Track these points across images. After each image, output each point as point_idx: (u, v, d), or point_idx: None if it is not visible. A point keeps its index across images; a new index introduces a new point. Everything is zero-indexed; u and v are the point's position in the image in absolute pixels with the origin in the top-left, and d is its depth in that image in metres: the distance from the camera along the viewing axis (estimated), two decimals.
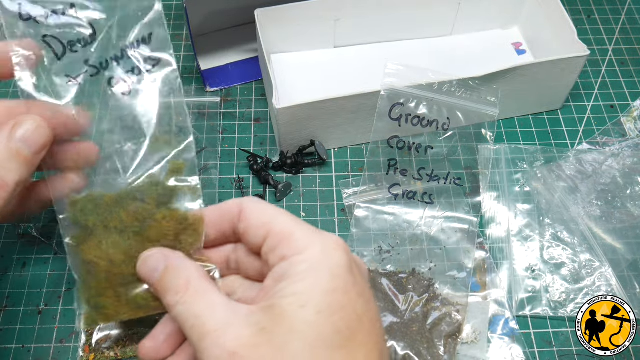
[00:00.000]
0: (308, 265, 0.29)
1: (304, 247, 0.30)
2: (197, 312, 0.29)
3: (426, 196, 0.52)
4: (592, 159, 0.54)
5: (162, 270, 0.32)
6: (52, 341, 0.45)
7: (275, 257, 0.31)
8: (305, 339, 0.27)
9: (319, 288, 0.29)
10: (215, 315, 0.29)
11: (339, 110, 0.51)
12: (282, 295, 0.29)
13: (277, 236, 0.31)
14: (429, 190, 0.52)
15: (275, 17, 0.56)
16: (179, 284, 0.31)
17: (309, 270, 0.29)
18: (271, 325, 0.28)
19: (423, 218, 0.51)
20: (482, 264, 0.49)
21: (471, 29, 0.63)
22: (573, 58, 0.53)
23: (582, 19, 0.67)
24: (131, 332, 0.44)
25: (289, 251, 0.30)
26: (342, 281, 0.29)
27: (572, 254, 0.49)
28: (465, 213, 0.51)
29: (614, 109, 0.60)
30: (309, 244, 0.30)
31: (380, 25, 0.60)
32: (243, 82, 0.61)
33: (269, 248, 0.31)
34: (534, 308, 0.47)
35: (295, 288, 0.29)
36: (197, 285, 0.30)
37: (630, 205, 0.51)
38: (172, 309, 0.30)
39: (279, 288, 0.29)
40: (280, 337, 0.27)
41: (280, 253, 0.30)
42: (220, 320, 0.29)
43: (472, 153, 0.55)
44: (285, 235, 0.31)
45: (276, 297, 0.29)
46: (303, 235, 0.31)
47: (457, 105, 0.50)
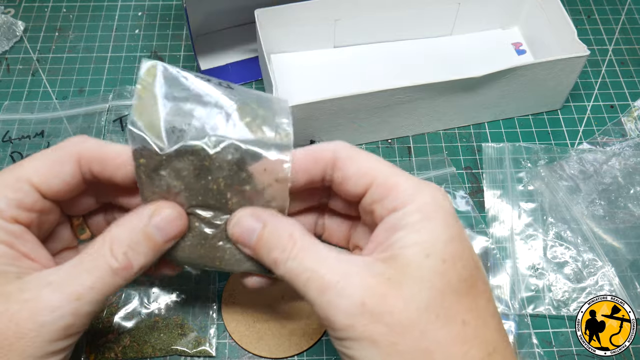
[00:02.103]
0: (422, 215, 0.29)
1: (412, 197, 0.29)
2: (311, 266, 0.28)
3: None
4: (593, 159, 0.54)
5: (261, 229, 0.31)
6: None
7: (384, 208, 0.30)
8: (434, 287, 0.27)
9: (439, 237, 0.28)
10: (333, 267, 0.28)
11: (339, 110, 0.51)
12: (403, 245, 0.28)
13: (382, 186, 0.30)
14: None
15: (275, 17, 0.56)
16: (283, 240, 0.30)
17: (424, 219, 0.29)
18: (398, 275, 0.28)
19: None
20: (483, 264, 0.49)
21: (471, 29, 0.63)
22: (573, 58, 0.53)
23: (582, 19, 0.67)
24: (132, 339, 0.44)
25: (399, 202, 0.29)
26: (456, 229, 0.29)
27: (575, 253, 0.49)
28: (465, 204, 0.51)
29: (614, 109, 0.60)
30: (417, 193, 0.30)
31: (380, 25, 0.60)
32: (243, 82, 0.61)
33: (373, 199, 0.31)
34: (536, 307, 0.47)
35: (415, 237, 0.28)
36: (304, 240, 0.30)
37: (631, 205, 0.51)
38: (280, 265, 0.29)
39: (396, 238, 0.29)
40: (409, 286, 0.27)
41: (390, 205, 0.30)
42: (339, 272, 0.28)
43: (472, 153, 0.55)
44: (391, 185, 0.30)
45: (395, 247, 0.28)
46: (410, 184, 0.30)
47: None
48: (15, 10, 0.66)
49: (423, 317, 0.27)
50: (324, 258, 0.29)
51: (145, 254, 0.31)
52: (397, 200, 0.30)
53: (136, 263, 0.31)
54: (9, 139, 0.55)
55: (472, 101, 0.55)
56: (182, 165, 0.31)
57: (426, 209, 0.29)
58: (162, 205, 0.31)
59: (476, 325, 0.28)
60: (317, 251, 0.29)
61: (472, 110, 0.56)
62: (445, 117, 0.56)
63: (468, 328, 0.28)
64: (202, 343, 0.44)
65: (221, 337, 0.45)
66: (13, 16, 0.65)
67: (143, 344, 0.44)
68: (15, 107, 0.58)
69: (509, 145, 0.55)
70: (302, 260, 0.29)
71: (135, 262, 0.31)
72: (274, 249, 0.30)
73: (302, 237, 0.30)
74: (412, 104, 0.53)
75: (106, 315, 0.45)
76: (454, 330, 0.27)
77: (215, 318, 0.45)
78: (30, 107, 0.58)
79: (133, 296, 0.46)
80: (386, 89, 0.50)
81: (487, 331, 0.28)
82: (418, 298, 0.27)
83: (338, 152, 0.32)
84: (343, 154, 0.32)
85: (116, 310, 0.45)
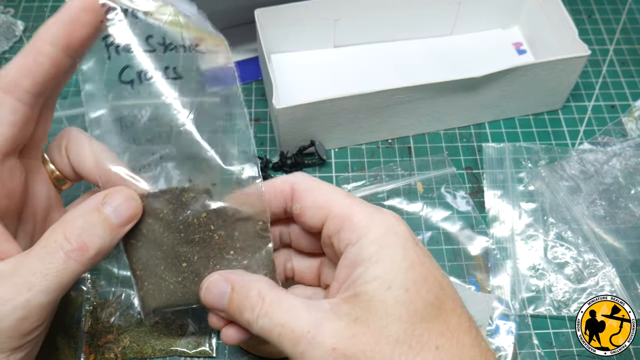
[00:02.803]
0: (379, 246, 0.29)
1: (367, 229, 0.30)
2: (281, 320, 0.29)
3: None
4: (594, 159, 0.54)
5: (230, 293, 0.31)
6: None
7: (341, 242, 0.30)
8: (401, 318, 0.27)
9: (398, 266, 0.28)
10: (301, 318, 0.28)
11: (339, 110, 0.51)
12: (364, 282, 0.28)
13: (337, 218, 0.31)
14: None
15: (275, 17, 0.56)
16: (252, 300, 0.30)
17: (380, 250, 0.29)
18: (363, 313, 0.28)
19: (423, 210, 0.51)
20: (483, 264, 0.49)
21: (471, 29, 0.63)
22: (574, 58, 0.52)
23: (582, 18, 0.67)
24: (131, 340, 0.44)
25: (354, 234, 0.30)
26: (414, 253, 0.29)
27: (575, 253, 0.49)
28: (466, 204, 0.51)
29: (614, 109, 0.59)
30: (371, 223, 0.30)
31: (380, 25, 0.60)
32: (243, 82, 0.61)
33: (330, 232, 0.31)
34: (537, 307, 0.47)
35: (374, 271, 0.28)
36: (271, 295, 0.30)
37: (632, 205, 0.51)
38: (253, 325, 0.30)
39: (357, 275, 0.29)
40: (376, 322, 0.27)
41: (345, 237, 0.30)
42: (308, 321, 0.28)
43: (472, 153, 0.55)
44: (346, 217, 0.30)
45: (357, 284, 0.29)
46: (364, 215, 0.30)
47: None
48: (15, 10, 0.66)
49: (396, 350, 0.27)
50: (294, 309, 0.29)
51: (101, 236, 0.30)
52: (353, 232, 0.30)
53: (92, 245, 0.30)
54: None
55: (472, 101, 0.54)
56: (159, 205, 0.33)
57: (381, 239, 0.29)
58: (114, 189, 0.32)
59: (450, 347, 0.28)
60: (285, 303, 0.29)
61: (473, 110, 0.56)
62: (445, 117, 0.56)
63: (442, 352, 0.28)
64: (202, 343, 0.44)
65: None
66: (13, 16, 0.65)
67: (143, 345, 0.44)
68: None
69: (509, 145, 0.55)
70: (272, 316, 0.29)
71: (90, 243, 0.30)
72: (245, 309, 0.30)
73: (269, 292, 0.30)
74: (412, 104, 0.53)
75: (106, 315, 0.45)
76: (429, 357, 0.27)
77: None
78: None
79: (133, 296, 0.46)
80: (386, 89, 0.50)
81: (463, 349, 0.28)
82: (387, 332, 0.27)
83: (296, 184, 0.32)
84: (301, 186, 0.32)
85: (116, 311, 0.45)
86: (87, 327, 0.44)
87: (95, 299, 0.46)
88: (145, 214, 0.34)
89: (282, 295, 0.30)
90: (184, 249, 0.34)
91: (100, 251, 0.30)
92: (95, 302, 0.46)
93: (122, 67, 0.32)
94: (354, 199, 0.31)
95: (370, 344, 0.27)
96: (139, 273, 0.34)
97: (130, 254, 0.34)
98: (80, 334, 0.44)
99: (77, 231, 0.30)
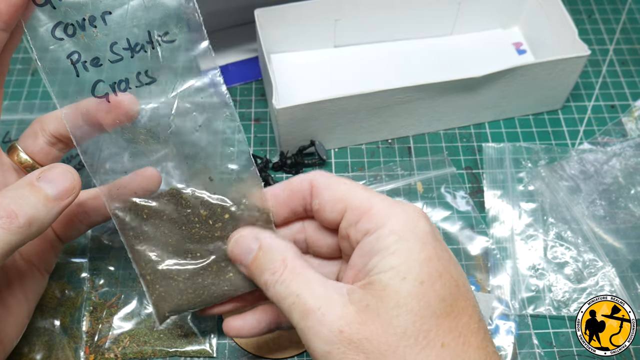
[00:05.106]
0: (397, 237, 0.29)
1: (386, 219, 0.30)
2: (297, 290, 0.29)
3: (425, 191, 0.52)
4: (594, 159, 0.54)
5: (256, 250, 0.32)
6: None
7: (358, 232, 0.30)
8: (412, 310, 0.27)
9: (414, 258, 0.28)
10: (316, 293, 0.29)
11: (339, 110, 0.51)
12: (379, 271, 0.28)
13: (356, 210, 0.31)
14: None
15: (275, 17, 0.56)
16: (275, 264, 0.30)
17: (398, 241, 0.29)
18: (375, 301, 0.28)
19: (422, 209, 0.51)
20: (483, 264, 0.49)
21: (471, 29, 0.63)
22: (574, 58, 0.52)
23: (582, 18, 0.67)
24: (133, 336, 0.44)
25: (372, 224, 0.30)
26: (432, 248, 0.29)
27: (575, 253, 0.49)
28: (465, 204, 0.51)
29: (614, 109, 0.59)
30: (390, 214, 0.30)
31: (380, 25, 0.60)
32: (243, 82, 0.61)
33: (348, 223, 0.31)
34: (536, 307, 0.47)
35: (390, 261, 0.28)
36: (293, 264, 0.30)
37: (632, 205, 0.51)
38: (270, 288, 0.30)
39: (373, 264, 0.29)
40: (387, 312, 0.27)
41: (363, 227, 0.30)
42: (322, 298, 0.28)
43: (472, 153, 0.55)
44: (365, 209, 0.30)
45: (372, 273, 0.29)
46: (383, 206, 0.30)
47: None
48: None
49: (401, 342, 0.27)
50: (311, 283, 0.29)
51: (33, 205, 0.30)
52: (371, 222, 0.30)
53: (20, 212, 0.29)
54: (9, 139, 0.55)
55: (472, 101, 0.54)
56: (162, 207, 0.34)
57: (400, 229, 0.29)
58: (50, 166, 0.32)
59: (456, 346, 0.28)
60: (305, 275, 0.30)
61: (473, 110, 0.56)
62: (445, 117, 0.56)
63: (447, 350, 0.28)
64: (202, 343, 0.44)
65: (221, 337, 0.45)
66: None
67: (143, 345, 0.44)
68: (15, 107, 0.58)
69: (509, 145, 0.55)
70: (290, 284, 0.29)
71: (19, 211, 0.29)
72: (266, 271, 0.31)
73: (293, 260, 0.30)
74: (412, 104, 0.53)
75: (106, 315, 0.45)
76: (433, 354, 0.27)
77: (216, 318, 0.45)
78: (30, 107, 0.58)
79: (133, 297, 0.46)
80: (386, 89, 0.50)
81: (469, 350, 0.28)
82: (396, 323, 0.27)
83: (315, 181, 0.33)
84: (319, 182, 0.33)
85: (116, 311, 0.45)
86: (87, 327, 0.45)
87: (95, 299, 0.46)
88: (148, 217, 0.34)
89: (305, 267, 0.30)
90: (190, 246, 0.34)
91: (32, 220, 0.30)
92: (95, 302, 0.46)
93: (94, 82, 0.32)
94: (373, 192, 0.32)
95: (377, 333, 0.27)
96: (149, 278, 0.35)
97: (137, 260, 0.35)
98: (80, 334, 0.44)
99: (6, 200, 0.29)
